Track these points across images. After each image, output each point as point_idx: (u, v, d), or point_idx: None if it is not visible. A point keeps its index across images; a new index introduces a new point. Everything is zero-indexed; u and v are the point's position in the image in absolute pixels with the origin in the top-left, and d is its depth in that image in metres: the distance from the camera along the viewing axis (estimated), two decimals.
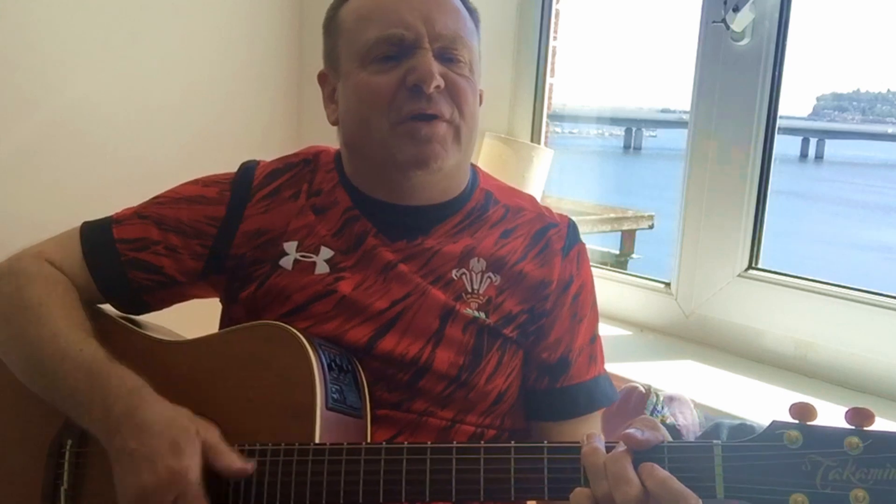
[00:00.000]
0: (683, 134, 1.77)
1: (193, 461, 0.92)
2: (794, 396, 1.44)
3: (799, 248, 6.74)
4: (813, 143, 12.89)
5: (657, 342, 1.76)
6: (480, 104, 1.13)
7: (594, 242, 1.09)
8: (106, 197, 1.24)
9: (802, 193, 10.20)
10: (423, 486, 0.88)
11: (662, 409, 1.37)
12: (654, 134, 13.58)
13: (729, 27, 1.59)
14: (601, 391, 1.14)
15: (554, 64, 2.10)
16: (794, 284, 1.60)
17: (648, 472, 0.80)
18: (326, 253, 1.10)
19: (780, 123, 1.63)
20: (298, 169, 1.17)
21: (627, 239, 3.92)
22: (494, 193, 1.18)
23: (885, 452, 0.74)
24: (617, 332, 1.80)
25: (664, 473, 0.79)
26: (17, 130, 1.92)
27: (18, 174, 1.92)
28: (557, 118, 2.37)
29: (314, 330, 1.06)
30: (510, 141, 2.06)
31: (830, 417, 0.78)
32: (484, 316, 1.08)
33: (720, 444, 0.80)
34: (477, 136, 1.13)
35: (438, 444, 0.90)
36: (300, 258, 1.11)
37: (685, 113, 1.76)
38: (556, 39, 2.09)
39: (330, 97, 1.15)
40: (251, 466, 0.94)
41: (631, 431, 0.82)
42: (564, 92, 2.20)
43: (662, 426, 0.85)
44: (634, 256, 3.86)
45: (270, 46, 2.29)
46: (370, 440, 1.01)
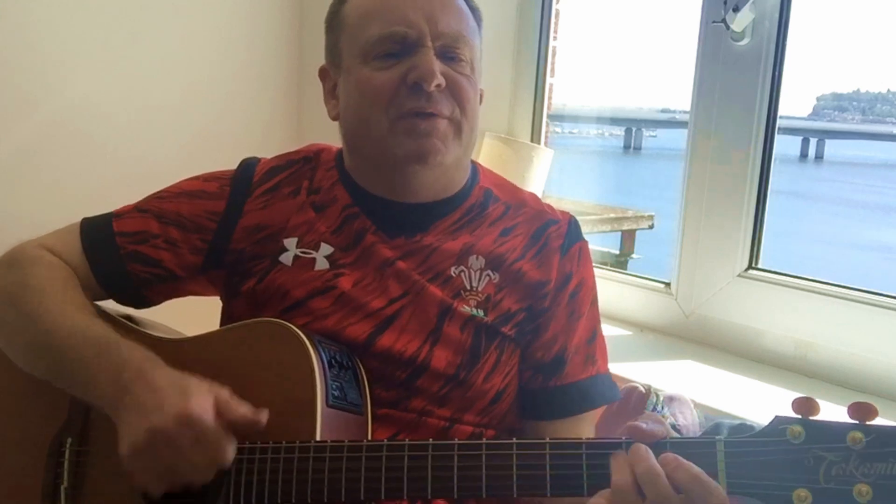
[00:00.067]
0: (683, 134, 1.77)
1: (206, 405, 0.91)
2: (794, 396, 1.43)
3: (799, 248, 6.74)
4: (813, 143, 12.90)
5: (657, 342, 1.76)
6: (481, 103, 1.13)
7: (594, 242, 1.09)
8: (106, 197, 1.24)
9: (802, 193, 10.20)
10: (424, 482, 0.88)
11: (662, 409, 1.36)
12: (654, 134, 13.58)
13: (729, 27, 1.59)
14: (598, 391, 1.13)
15: (554, 64, 2.10)
16: (794, 284, 1.60)
17: (675, 464, 0.78)
18: (326, 249, 1.11)
19: (780, 123, 1.63)
20: (299, 166, 1.17)
21: (627, 239, 3.92)
22: (495, 191, 1.17)
23: (888, 447, 0.74)
24: (617, 332, 1.80)
25: (695, 468, 0.78)
26: (17, 130, 1.92)
27: (18, 174, 1.92)
28: (557, 118, 2.37)
29: (313, 326, 1.06)
30: (510, 141, 2.06)
31: (830, 417, 0.78)
32: (482, 314, 1.08)
33: (722, 439, 0.80)
34: (477, 134, 1.13)
35: (440, 441, 0.90)
36: (300, 254, 1.11)
37: (685, 113, 1.76)
38: (556, 39, 2.09)
39: (331, 93, 1.15)
40: (265, 416, 0.94)
41: (636, 423, 0.82)
42: (564, 92, 2.20)
43: (667, 423, 0.85)
44: (634, 256, 3.86)
45: (270, 46, 2.28)
46: (371, 436, 1.01)
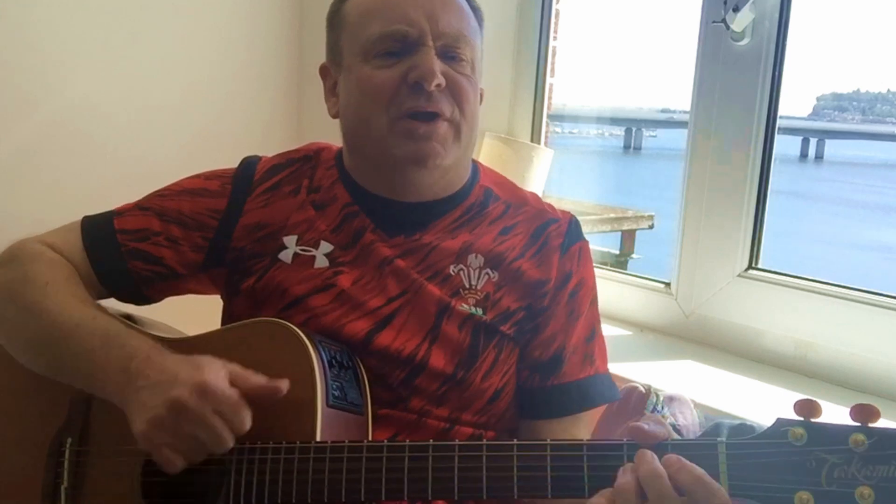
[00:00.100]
0: (683, 134, 1.77)
1: (220, 375, 0.91)
2: (794, 396, 1.42)
3: (799, 248, 6.74)
4: (813, 143, 12.89)
5: (657, 342, 1.76)
6: (481, 103, 1.13)
7: (594, 242, 1.09)
8: (106, 197, 1.24)
9: (802, 193, 10.20)
10: (425, 483, 0.88)
11: (662, 409, 1.36)
12: (654, 134, 13.58)
13: (729, 27, 1.59)
14: (596, 391, 1.13)
15: (554, 64, 2.10)
16: (794, 284, 1.60)
17: (679, 466, 0.77)
18: (326, 247, 1.11)
19: (780, 123, 1.63)
20: (299, 165, 1.17)
21: (627, 239, 3.92)
22: (495, 189, 1.17)
23: (890, 449, 0.74)
24: (617, 332, 1.80)
25: (698, 469, 0.77)
26: (17, 130, 1.92)
27: (18, 174, 1.92)
28: (557, 118, 2.37)
29: (312, 323, 1.06)
30: (510, 141, 2.06)
31: (831, 418, 0.78)
32: (481, 312, 1.08)
33: (724, 441, 0.80)
34: (477, 134, 1.13)
35: (441, 441, 0.90)
36: (300, 252, 1.11)
37: (685, 113, 1.76)
38: (556, 39, 2.09)
39: (331, 90, 1.15)
40: (285, 385, 0.93)
41: (638, 424, 0.82)
42: (564, 92, 2.20)
43: (668, 425, 0.84)
44: (634, 256, 3.86)
45: (270, 46, 2.29)
46: (371, 436, 1.01)
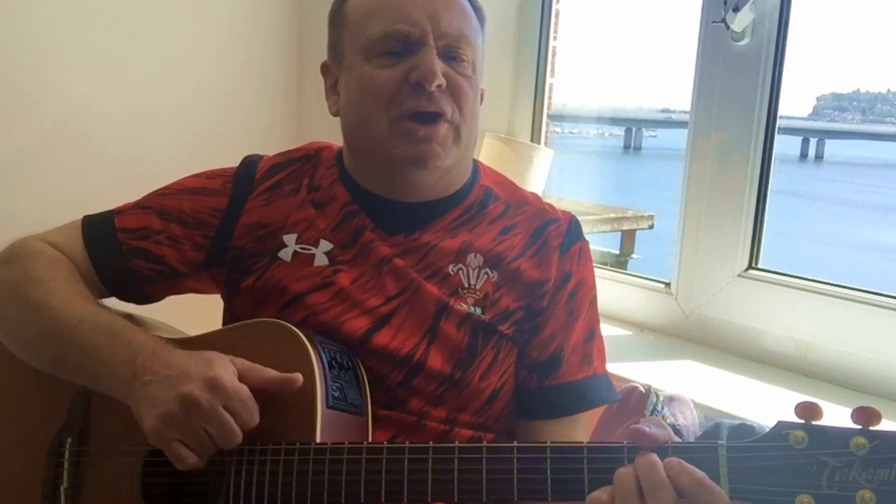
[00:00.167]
0: (683, 134, 1.77)
1: (230, 370, 0.92)
2: (794, 396, 1.44)
3: (799, 248, 6.74)
4: (813, 143, 12.91)
5: (657, 342, 1.76)
6: (481, 103, 1.13)
7: (594, 242, 1.09)
8: (106, 197, 1.24)
9: (802, 193, 10.21)
10: (425, 485, 0.88)
11: (662, 409, 1.36)
12: (654, 134, 13.59)
13: (729, 27, 1.59)
14: (594, 391, 1.12)
15: (554, 64, 2.10)
16: (794, 284, 1.60)
17: (679, 469, 0.78)
18: (325, 246, 1.11)
19: (780, 123, 1.63)
20: (300, 164, 1.17)
21: (627, 239, 3.92)
22: (495, 189, 1.17)
23: (891, 453, 0.74)
24: (617, 332, 1.80)
25: (699, 472, 0.77)
26: (17, 130, 1.92)
27: (18, 174, 1.92)
28: (557, 118, 2.37)
29: (312, 320, 1.06)
30: (510, 141, 2.06)
31: (831, 418, 0.78)
32: (480, 312, 1.08)
33: (725, 444, 0.80)
34: (477, 134, 1.13)
35: (441, 443, 0.90)
36: (299, 250, 1.11)
37: (685, 113, 1.76)
38: (556, 39, 2.09)
39: (332, 88, 1.15)
40: (299, 377, 0.93)
41: (639, 426, 0.81)
42: (564, 92, 2.20)
43: (669, 427, 0.84)
44: (634, 256, 3.86)
45: (270, 46, 2.28)
46: (371, 437, 1.01)
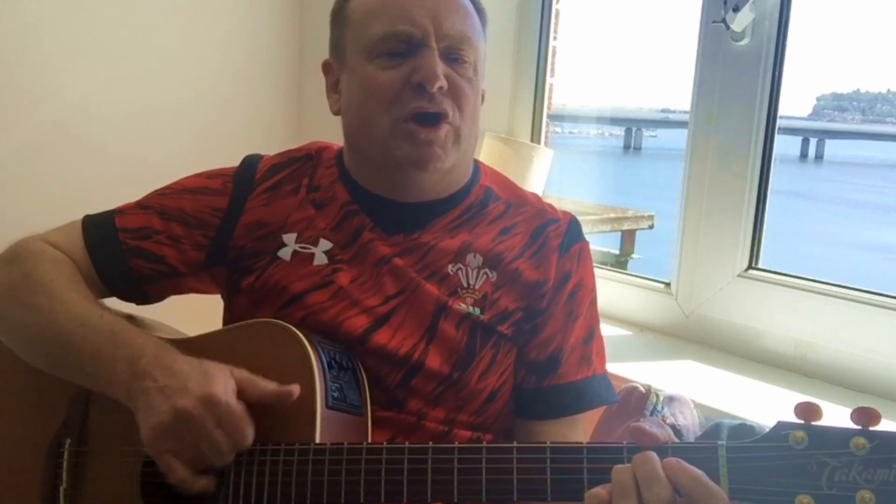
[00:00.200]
0: (683, 134, 1.77)
1: (229, 388, 0.91)
2: (794, 396, 1.44)
3: (799, 248, 6.74)
4: (813, 143, 12.91)
5: (657, 342, 1.76)
6: (482, 103, 1.13)
7: (594, 242, 1.09)
8: (106, 197, 1.24)
9: (802, 193, 10.21)
10: (424, 485, 0.88)
11: (662, 409, 1.36)
12: (654, 134, 13.60)
13: (729, 27, 1.59)
14: (593, 392, 1.12)
15: (554, 64, 2.10)
16: (794, 284, 1.60)
17: (678, 467, 0.78)
18: (325, 245, 1.11)
19: (780, 123, 1.63)
20: (300, 163, 1.17)
21: (627, 239, 3.92)
22: (495, 189, 1.17)
23: (891, 453, 0.74)
24: (617, 332, 1.80)
25: (697, 470, 0.77)
26: (16, 131, 1.92)
27: (18, 174, 1.92)
28: (557, 118, 2.37)
29: (311, 319, 1.06)
30: (510, 141, 2.06)
31: (830, 418, 0.78)
32: (479, 312, 1.08)
33: (724, 444, 0.80)
34: (478, 135, 1.13)
35: (440, 444, 0.90)
36: (299, 249, 1.11)
37: (685, 113, 1.76)
38: (556, 39, 2.09)
39: (333, 87, 1.15)
40: (296, 389, 0.93)
41: (639, 425, 0.81)
42: (564, 92, 2.19)
43: (668, 428, 0.84)
44: (634, 256, 3.86)
45: (270, 45, 2.28)
46: (371, 437, 1.01)
